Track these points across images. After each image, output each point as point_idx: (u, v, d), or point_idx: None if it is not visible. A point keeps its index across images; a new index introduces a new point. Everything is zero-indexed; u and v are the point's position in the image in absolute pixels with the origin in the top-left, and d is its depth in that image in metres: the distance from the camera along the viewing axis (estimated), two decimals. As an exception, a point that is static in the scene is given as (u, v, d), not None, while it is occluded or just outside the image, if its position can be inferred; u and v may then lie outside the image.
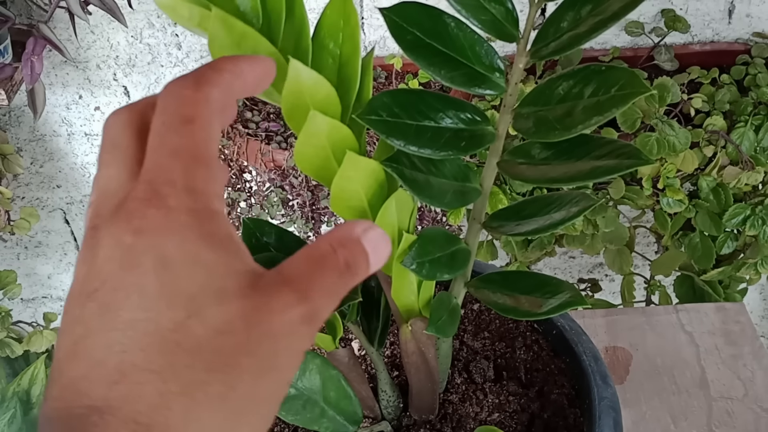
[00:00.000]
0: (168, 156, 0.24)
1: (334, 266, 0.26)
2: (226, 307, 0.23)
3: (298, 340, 0.24)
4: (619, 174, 0.35)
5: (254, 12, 0.33)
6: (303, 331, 0.24)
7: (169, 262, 0.23)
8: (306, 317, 0.24)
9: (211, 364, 0.22)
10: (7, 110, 1.37)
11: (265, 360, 0.23)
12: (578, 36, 0.35)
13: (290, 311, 0.24)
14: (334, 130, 0.35)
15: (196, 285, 0.23)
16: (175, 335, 0.22)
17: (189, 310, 0.22)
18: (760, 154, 1.08)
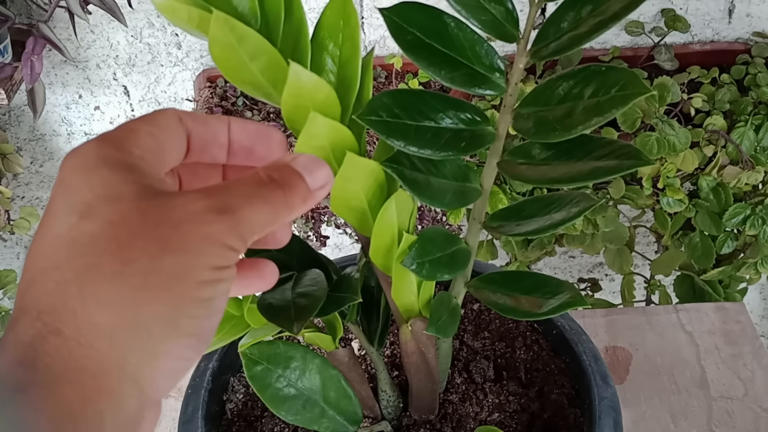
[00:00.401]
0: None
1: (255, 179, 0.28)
2: (121, 205, 0.25)
3: (204, 226, 0.25)
4: (619, 174, 0.35)
5: (252, 13, 0.33)
6: (212, 218, 0.26)
7: (67, 182, 0.26)
8: (214, 208, 0.26)
9: (105, 249, 0.24)
10: (7, 110, 1.37)
11: (163, 242, 0.25)
12: (578, 36, 0.35)
13: (194, 203, 0.26)
14: (334, 131, 0.35)
15: (90, 194, 0.25)
16: (71, 234, 0.24)
17: (82, 212, 0.25)
18: (760, 154, 1.08)
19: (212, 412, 0.55)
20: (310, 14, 1.17)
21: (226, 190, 0.27)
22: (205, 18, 0.31)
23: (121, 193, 0.25)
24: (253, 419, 0.57)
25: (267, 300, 0.41)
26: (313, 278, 0.43)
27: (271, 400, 0.46)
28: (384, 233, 0.40)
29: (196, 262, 0.25)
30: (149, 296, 0.24)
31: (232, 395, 0.58)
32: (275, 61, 0.33)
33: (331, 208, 0.38)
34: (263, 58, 0.32)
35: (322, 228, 1.31)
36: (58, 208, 0.25)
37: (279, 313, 0.40)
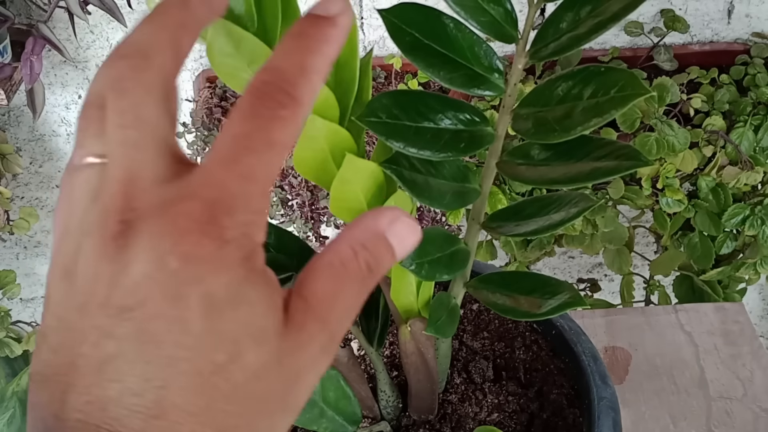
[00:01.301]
0: (238, 179, 0.22)
1: (356, 276, 0.24)
2: (264, 349, 0.22)
3: (317, 373, 0.24)
4: (618, 175, 0.35)
5: (249, 15, 0.33)
6: (323, 361, 0.24)
7: (215, 302, 0.21)
8: (325, 346, 0.24)
9: (245, 408, 0.22)
10: (7, 110, 1.37)
11: (290, 401, 0.23)
12: (578, 37, 0.35)
13: (314, 344, 0.23)
14: (333, 133, 0.35)
15: (239, 327, 0.22)
16: (215, 378, 0.21)
17: (230, 353, 0.22)
18: (759, 154, 1.08)
19: (212, 413, 0.55)
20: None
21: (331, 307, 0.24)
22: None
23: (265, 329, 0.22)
24: (253, 419, 0.57)
25: (266, 300, 0.41)
26: (312, 279, 0.43)
27: (271, 401, 0.46)
28: (383, 234, 0.40)
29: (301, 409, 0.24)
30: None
31: (231, 395, 0.58)
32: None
33: (331, 210, 0.38)
34: (262, 62, 0.32)
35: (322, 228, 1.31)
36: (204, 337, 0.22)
37: (278, 313, 0.40)
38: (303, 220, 1.28)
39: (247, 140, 0.22)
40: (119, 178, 0.22)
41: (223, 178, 0.22)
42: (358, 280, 0.24)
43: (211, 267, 0.21)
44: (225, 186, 0.22)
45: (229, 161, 0.22)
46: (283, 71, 0.23)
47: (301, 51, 0.23)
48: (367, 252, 0.24)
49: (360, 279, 0.24)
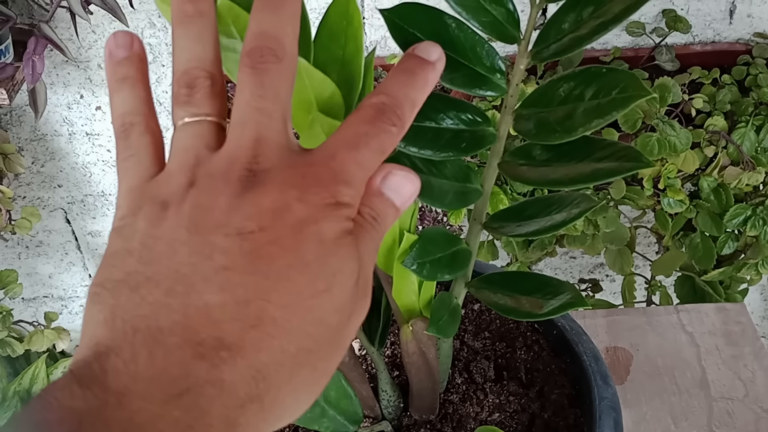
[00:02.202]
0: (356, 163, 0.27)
1: (367, 229, 0.28)
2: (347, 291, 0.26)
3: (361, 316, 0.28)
4: (620, 176, 0.35)
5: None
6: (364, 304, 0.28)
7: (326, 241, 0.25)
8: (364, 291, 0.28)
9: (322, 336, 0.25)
10: (9, 110, 1.37)
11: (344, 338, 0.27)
12: (580, 38, 0.35)
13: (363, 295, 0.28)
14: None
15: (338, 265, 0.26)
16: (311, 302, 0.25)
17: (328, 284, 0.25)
18: (761, 155, 1.08)
19: (213, 412, 0.55)
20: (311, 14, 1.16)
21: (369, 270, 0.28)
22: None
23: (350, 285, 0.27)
24: (254, 419, 0.57)
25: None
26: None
27: (272, 400, 0.46)
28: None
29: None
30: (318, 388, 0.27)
31: (232, 395, 0.58)
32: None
33: (332, 209, 0.38)
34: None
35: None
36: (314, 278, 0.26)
37: (280, 313, 0.40)
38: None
39: (366, 138, 0.28)
40: (250, 137, 0.26)
41: (346, 157, 0.27)
42: (371, 232, 0.28)
43: (327, 215, 0.26)
44: (346, 164, 0.27)
45: (351, 147, 0.27)
46: (397, 98, 0.29)
47: (412, 87, 0.29)
48: (368, 208, 0.28)
49: (372, 230, 0.28)
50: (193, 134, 0.27)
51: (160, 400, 0.22)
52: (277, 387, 0.24)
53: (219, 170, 0.26)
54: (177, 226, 0.25)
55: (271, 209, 0.25)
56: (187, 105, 0.28)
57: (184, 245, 0.24)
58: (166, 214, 0.25)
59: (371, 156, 0.28)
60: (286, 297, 0.24)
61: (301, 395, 0.25)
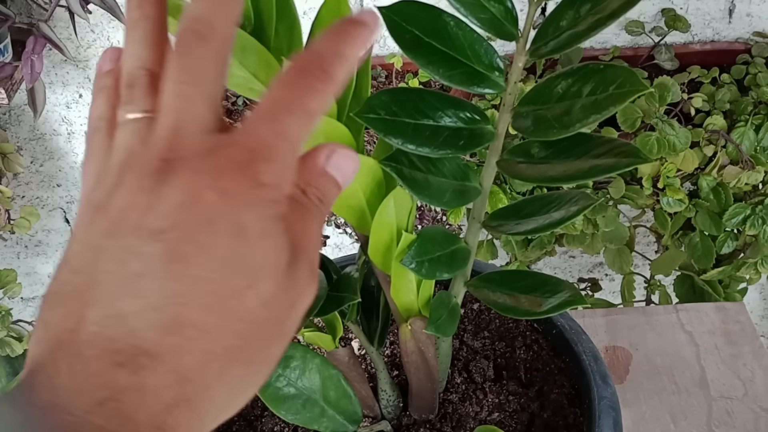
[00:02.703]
0: (275, 134, 0.25)
1: (314, 209, 0.27)
2: (276, 282, 0.25)
3: (307, 302, 0.27)
4: (618, 172, 0.35)
5: (246, 14, 0.33)
6: (311, 290, 0.27)
7: (244, 232, 0.24)
8: (310, 275, 0.27)
9: (251, 332, 0.24)
10: (7, 109, 1.37)
11: (286, 328, 0.26)
12: (577, 34, 0.35)
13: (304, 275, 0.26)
14: (331, 128, 0.35)
15: (260, 258, 0.24)
16: (231, 301, 0.24)
17: (249, 280, 0.24)
18: (760, 154, 1.08)
19: (211, 412, 0.55)
20: (311, 13, 1.16)
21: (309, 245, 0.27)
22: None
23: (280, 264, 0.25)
24: (253, 418, 0.57)
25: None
26: (312, 277, 0.43)
27: (271, 400, 0.46)
28: (382, 231, 0.40)
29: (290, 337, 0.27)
30: (258, 377, 0.26)
31: (231, 394, 0.58)
32: (267, 60, 0.33)
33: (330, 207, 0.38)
34: (253, 57, 0.32)
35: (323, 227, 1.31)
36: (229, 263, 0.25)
37: (278, 311, 0.39)
38: (303, 219, 1.27)
39: (285, 103, 0.25)
40: (168, 125, 0.25)
41: (262, 131, 0.25)
42: (317, 212, 0.27)
43: (245, 201, 0.24)
44: (264, 138, 0.25)
45: (268, 119, 0.25)
46: (322, 53, 0.26)
47: (339, 40, 0.27)
48: (313, 188, 0.27)
49: (317, 212, 0.27)
50: (130, 131, 0.26)
51: (81, 410, 0.21)
52: (205, 387, 0.23)
53: (139, 165, 0.25)
54: (101, 230, 0.24)
55: (181, 203, 0.23)
56: (127, 104, 0.27)
57: (104, 251, 0.24)
58: (95, 218, 0.25)
59: (295, 123, 0.25)
60: (202, 298, 0.23)
61: (237, 390, 0.25)
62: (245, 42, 0.31)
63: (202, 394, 0.23)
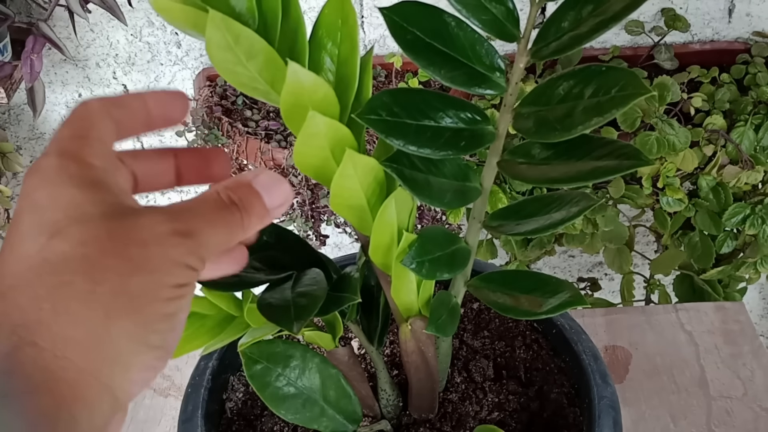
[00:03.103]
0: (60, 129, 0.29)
1: (216, 202, 0.29)
2: (89, 225, 0.26)
3: (169, 248, 0.27)
4: (619, 174, 0.35)
5: (250, 13, 0.33)
6: (176, 241, 0.27)
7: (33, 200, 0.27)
8: (178, 231, 0.27)
9: (77, 268, 0.25)
10: (7, 108, 1.37)
11: (132, 262, 0.26)
12: (579, 36, 0.35)
13: (159, 226, 0.27)
14: (333, 129, 0.35)
15: (59, 214, 0.26)
16: (42, 254, 0.25)
17: (52, 233, 0.26)
18: (759, 154, 1.08)
19: (212, 411, 0.55)
20: (310, 13, 1.16)
21: (189, 213, 0.28)
22: (201, 18, 0.31)
23: (89, 213, 0.27)
24: (253, 418, 0.57)
25: (267, 299, 0.41)
26: (312, 278, 0.43)
27: (271, 399, 0.46)
28: (383, 232, 0.40)
29: (161, 281, 0.27)
30: (120, 314, 0.26)
31: (231, 394, 0.58)
32: (273, 60, 0.33)
33: (331, 206, 0.38)
34: (260, 57, 0.32)
35: (322, 227, 1.31)
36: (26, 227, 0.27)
37: (279, 312, 0.40)
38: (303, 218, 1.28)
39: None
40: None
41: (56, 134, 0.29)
42: (219, 205, 0.29)
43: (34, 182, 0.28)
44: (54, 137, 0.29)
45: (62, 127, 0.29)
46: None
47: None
48: (230, 191, 0.30)
49: (221, 205, 0.29)
50: None
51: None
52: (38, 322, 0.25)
53: None
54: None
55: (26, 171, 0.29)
56: None
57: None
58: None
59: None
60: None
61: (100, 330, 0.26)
62: (252, 41, 0.31)
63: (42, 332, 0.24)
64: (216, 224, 0.29)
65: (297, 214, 1.27)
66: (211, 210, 0.29)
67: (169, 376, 0.79)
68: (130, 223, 0.27)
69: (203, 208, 0.29)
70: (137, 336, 0.26)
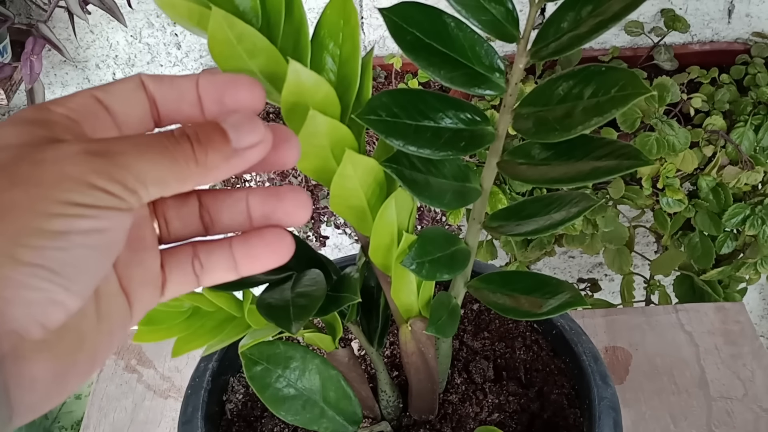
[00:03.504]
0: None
1: (162, 133, 0.26)
2: (6, 150, 0.25)
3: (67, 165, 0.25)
4: (619, 175, 0.35)
5: (254, 12, 0.33)
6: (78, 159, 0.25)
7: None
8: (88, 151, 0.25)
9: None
10: (6, 110, 1.37)
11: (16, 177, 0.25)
12: (579, 37, 0.35)
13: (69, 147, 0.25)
14: (334, 129, 0.35)
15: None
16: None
17: None
18: (759, 154, 1.08)
19: (212, 413, 0.55)
20: (309, 14, 1.17)
21: (114, 140, 0.26)
22: (205, 15, 0.31)
23: (13, 143, 0.25)
24: (253, 419, 0.57)
25: (266, 300, 0.41)
26: (312, 278, 0.43)
27: (271, 401, 0.46)
28: (383, 232, 0.40)
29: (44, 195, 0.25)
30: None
31: (231, 395, 0.58)
32: (275, 59, 0.33)
33: (331, 207, 0.38)
34: (262, 55, 0.32)
35: (322, 228, 1.31)
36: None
37: (278, 313, 0.40)
38: (303, 219, 1.27)
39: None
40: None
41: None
42: (164, 135, 0.26)
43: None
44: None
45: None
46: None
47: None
48: (191, 129, 0.27)
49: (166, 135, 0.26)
50: None
51: None
52: None
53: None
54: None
55: None
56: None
57: None
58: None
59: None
60: None
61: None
62: (256, 41, 0.31)
63: None
64: (151, 151, 0.26)
65: (297, 215, 1.27)
66: (148, 138, 0.26)
67: (169, 378, 0.79)
68: (44, 148, 0.25)
69: (138, 137, 0.26)
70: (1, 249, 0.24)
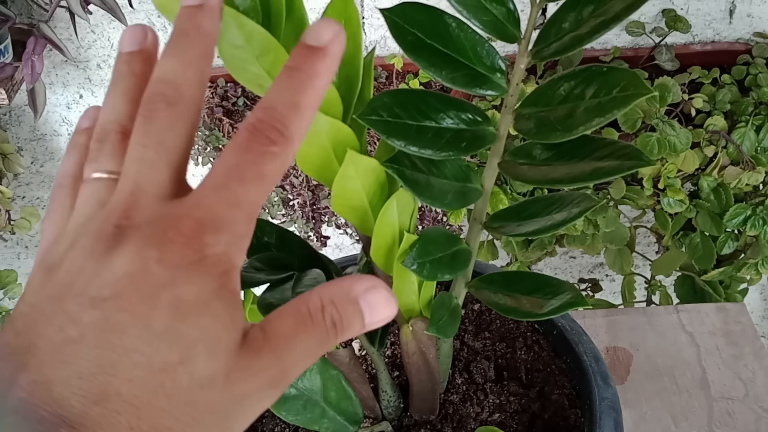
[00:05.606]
0: (227, 205, 0.24)
1: (318, 327, 0.25)
2: (216, 362, 0.23)
3: (259, 404, 0.25)
4: (620, 175, 0.35)
5: (254, 12, 0.33)
6: (268, 394, 0.25)
7: (182, 305, 0.23)
8: (274, 381, 0.25)
9: (182, 414, 0.23)
10: (8, 110, 1.37)
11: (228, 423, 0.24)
12: (580, 37, 0.35)
13: (264, 373, 0.24)
14: (335, 129, 0.35)
15: (197, 333, 0.23)
16: (162, 376, 0.23)
17: (183, 356, 0.23)
18: (760, 154, 1.08)
19: (213, 412, 0.55)
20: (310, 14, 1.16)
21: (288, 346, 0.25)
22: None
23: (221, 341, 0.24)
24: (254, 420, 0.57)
25: (267, 299, 0.41)
26: (313, 278, 0.43)
27: (272, 401, 0.46)
28: (385, 232, 0.40)
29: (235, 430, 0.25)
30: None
31: (232, 395, 0.58)
32: (283, 59, 0.33)
33: (332, 207, 0.38)
34: (270, 55, 0.32)
35: (323, 228, 1.32)
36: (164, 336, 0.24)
37: (280, 313, 0.40)
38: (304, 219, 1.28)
39: (237, 171, 0.24)
40: (127, 191, 0.25)
41: (212, 201, 0.24)
42: (320, 331, 0.25)
43: (187, 275, 0.23)
44: (213, 209, 0.24)
45: (219, 187, 0.24)
46: (276, 109, 0.25)
47: (294, 89, 0.25)
48: (334, 308, 0.26)
49: (322, 330, 0.25)
50: (92, 192, 0.26)
51: None
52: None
53: (93, 230, 0.24)
54: (47, 294, 0.24)
55: (126, 273, 0.23)
56: (93, 161, 0.27)
57: (46, 315, 0.23)
58: (45, 281, 0.24)
59: (246, 189, 0.24)
60: (133, 371, 0.22)
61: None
62: (264, 40, 0.31)
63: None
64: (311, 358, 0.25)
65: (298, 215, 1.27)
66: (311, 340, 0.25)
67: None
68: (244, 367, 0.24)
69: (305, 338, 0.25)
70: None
